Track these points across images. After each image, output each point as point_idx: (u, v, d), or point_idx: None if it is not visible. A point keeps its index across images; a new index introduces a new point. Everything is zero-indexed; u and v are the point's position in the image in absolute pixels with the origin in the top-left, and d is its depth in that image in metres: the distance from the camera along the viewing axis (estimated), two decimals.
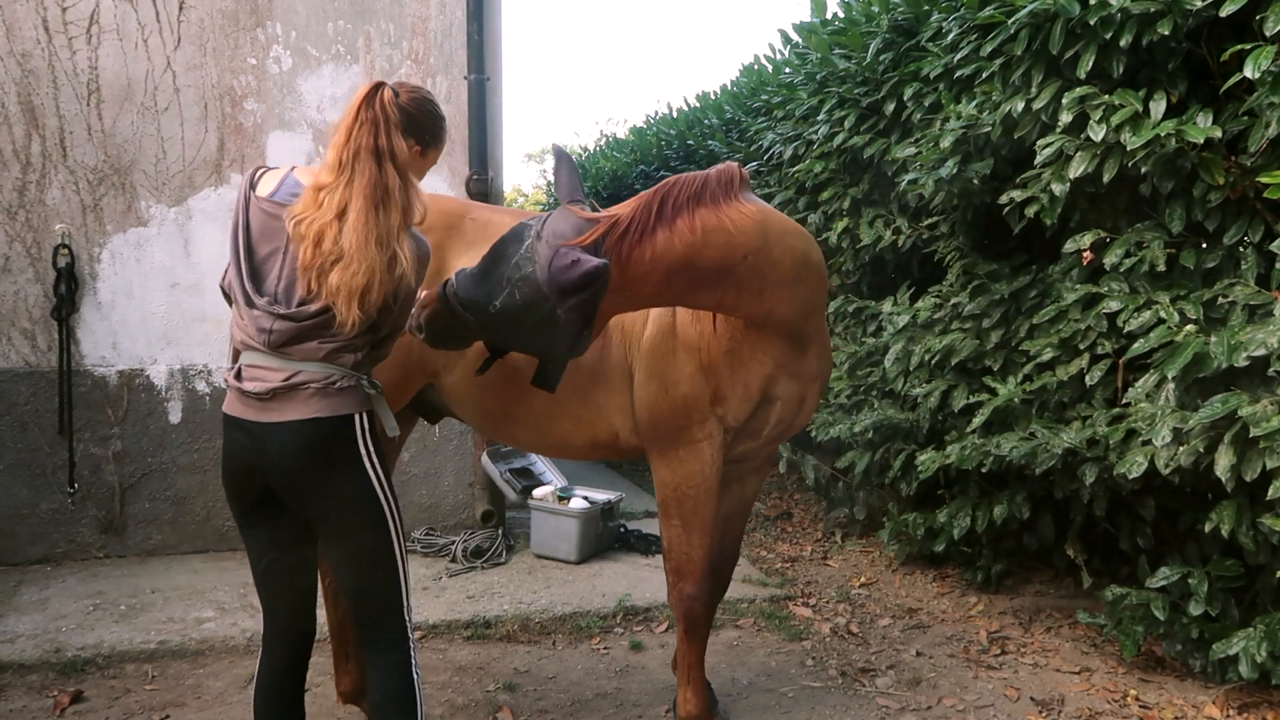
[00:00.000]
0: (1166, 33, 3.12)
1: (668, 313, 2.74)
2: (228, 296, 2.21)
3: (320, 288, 2.00)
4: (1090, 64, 3.36)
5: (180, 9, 4.78)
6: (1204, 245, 3.34)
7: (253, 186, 2.14)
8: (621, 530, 5.17)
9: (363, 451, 2.13)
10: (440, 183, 5.15)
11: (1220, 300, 3.11)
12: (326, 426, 2.09)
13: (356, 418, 2.12)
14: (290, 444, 2.08)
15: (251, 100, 4.91)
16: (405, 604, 2.25)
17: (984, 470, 3.89)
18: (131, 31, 4.72)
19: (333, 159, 2.04)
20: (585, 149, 12.77)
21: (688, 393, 2.70)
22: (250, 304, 2.08)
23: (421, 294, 2.34)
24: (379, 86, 2.09)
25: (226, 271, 2.17)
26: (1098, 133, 3.26)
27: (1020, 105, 3.64)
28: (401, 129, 2.09)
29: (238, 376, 2.13)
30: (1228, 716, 3.21)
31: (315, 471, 2.10)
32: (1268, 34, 2.87)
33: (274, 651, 2.32)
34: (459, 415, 3.02)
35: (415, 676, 2.24)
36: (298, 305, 2.05)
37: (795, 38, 6.25)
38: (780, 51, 6.80)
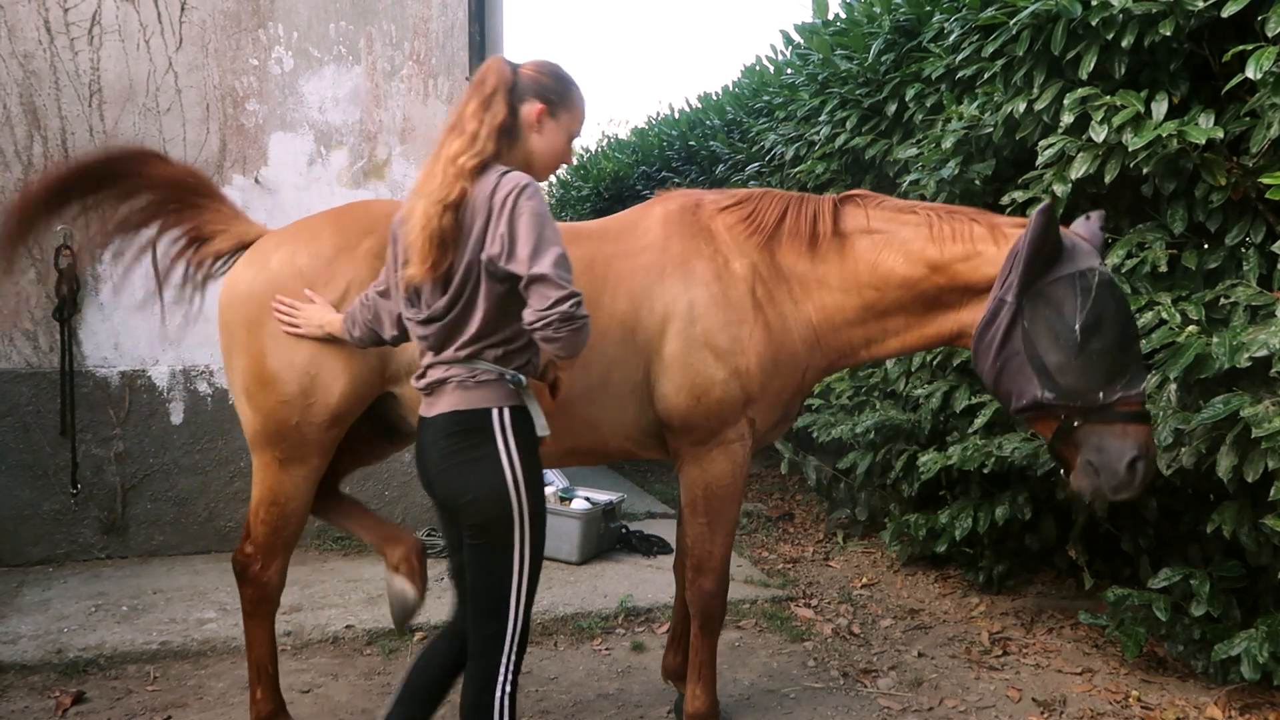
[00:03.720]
0: (1168, 33, 3.12)
1: (693, 325, 2.70)
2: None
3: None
4: (1092, 65, 3.36)
5: (182, 10, 4.78)
6: (1206, 246, 3.34)
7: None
8: (623, 531, 5.17)
9: (500, 447, 2.09)
10: None
11: (1222, 301, 3.11)
12: (464, 419, 2.08)
13: (495, 412, 2.09)
14: (433, 436, 2.12)
15: (253, 101, 4.91)
16: (513, 611, 2.15)
17: (986, 471, 3.89)
18: (133, 32, 4.73)
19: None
20: (586, 149, 12.77)
21: (721, 398, 2.69)
22: (406, 318, 2.19)
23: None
24: (480, 75, 2.16)
25: (387, 295, 2.32)
26: (1099, 133, 3.26)
27: (1022, 106, 3.64)
28: (514, 93, 2.15)
29: (417, 376, 2.20)
30: (1230, 717, 3.21)
31: (451, 463, 2.10)
32: (1269, 35, 2.87)
33: (453, 621, 2.35)
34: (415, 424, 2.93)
35: (498, 695, 2.17)
36: (434, 304, 2.09)
37: (797, 38, 6.25)
38: (782, 52, 6.81)
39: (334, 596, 4.25)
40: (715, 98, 8.08)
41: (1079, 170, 3.37)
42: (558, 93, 2.22)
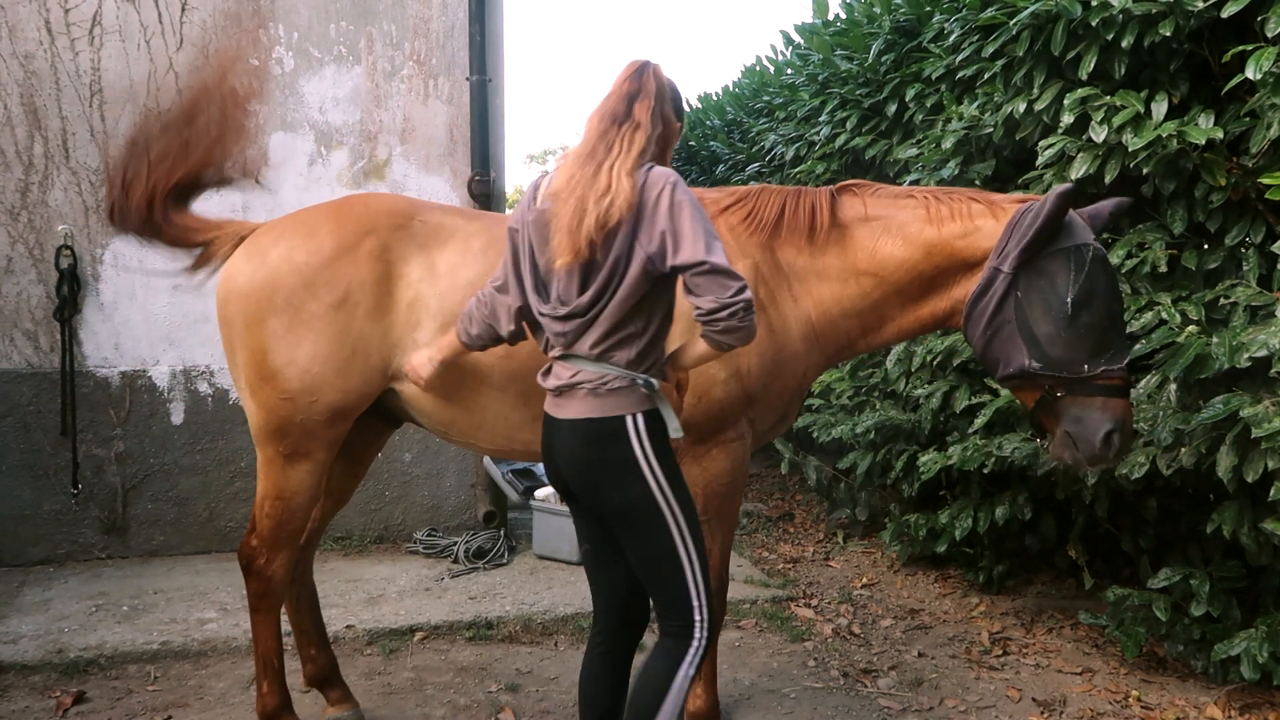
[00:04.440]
0: (1168, 34, 3.12)
1: (696, 325, 2.70)
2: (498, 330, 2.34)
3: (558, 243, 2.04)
4: (1092, 65, 3.36)
5: (183, 10, 4.79)
6: (1206, 246, 3.34)
7: (534, 198, 2.18)
8: None
9: (638, 454, 2.07)
10: (442, 183, 5.16)
11: (1222, 301, 3.11)
12: (597, 427, 2.07)
13: (629, 419, 2.08)
14: (568, 442, 2.12)
15: (254, 101, 4.91)
16: (695, 601, 2.15)
17: (986, 471, 3.89)
18: (134, 33, 4.73)
19: (588, 121, 2.14)
20: None
21: (722, 398, 2.69)
22: (540, 312, 2.16)
23: None
24: (642, 67, 2.16)
25: (505, 290, 2.27)
26: (1099, 134, 3.26)
27: (1022, 106, 3.64)
28: (674, 104, 2.21)
29: (544, 373, 2.19)
30: (1229, 717, 3.21)
31: (590, 471, 2.10)
32: (1269, 35, 2.87)
33: (597, 623, 2.35)
34: (417, 421, 2.94)
35: (683, 670, 2.15)
36: (575, 299, 2.07)
37: (797, 39, 6.26)
38: (782, 52, 6.81)
39: (334, 596, 4.25)
40: (715, 98, 8.08)
41: (1079, 170, 3.38)
42: (680, 117, 2.30)
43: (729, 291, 1.94)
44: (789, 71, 6.39)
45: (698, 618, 2.16)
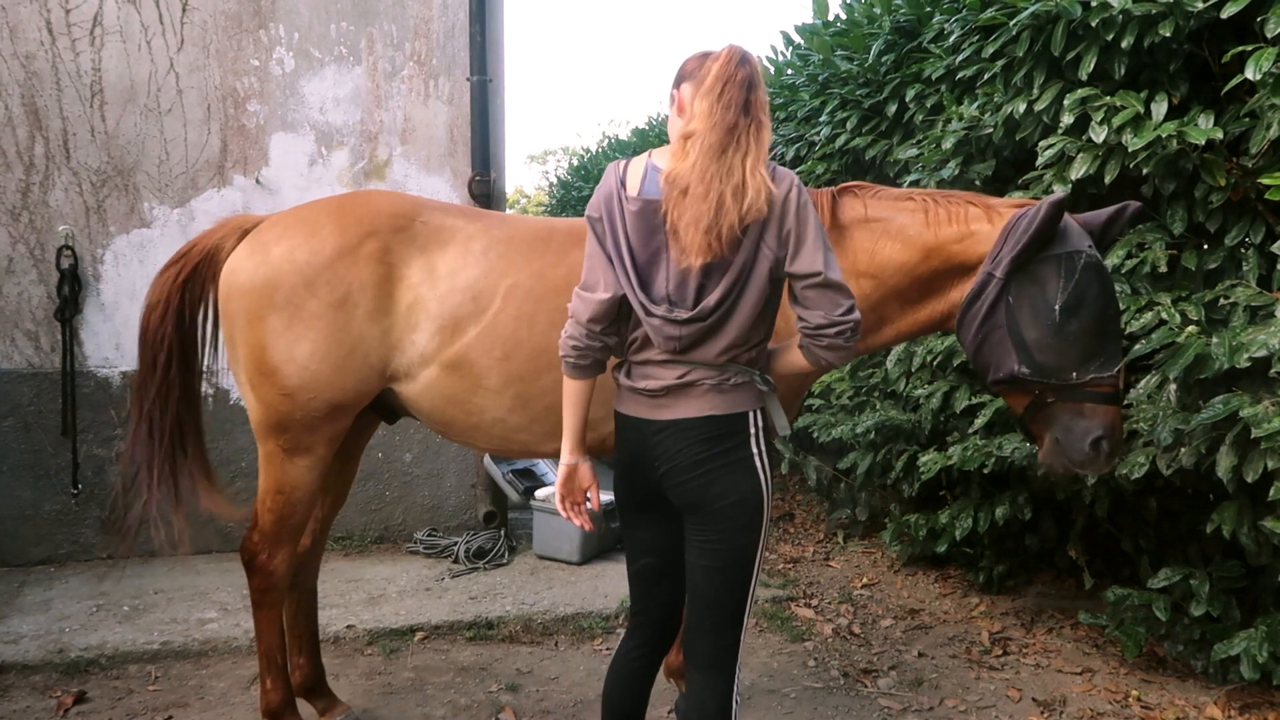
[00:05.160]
0: (1168, 34, 3.12)
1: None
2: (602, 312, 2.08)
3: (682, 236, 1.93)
4: (1092, 65, 3.36)
5: (183, 10, 4.79)
6: (1205, 246, 3.34)
7: (622, 184, 2.05)
8: None
9: (754, 450, 2.06)
10: (442, 184, 5.16)
11: (1222, 301, 3.11)
12: (721, 423, 2.03)
13: (750, 415, 2.06)
14: (679, 442, 2.05)
15: (254, 102, 4.92)
16: (747, 615, 2.14)
17: (986, 471, 3.89)
18: (135, 33, 4.74)
19: (700, 108, 1.95)
20: (588, 150, 12.78)
21: None
22: (648, 313, 2.01)
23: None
24: (745, 53, 1.99)
25: (594, 285, 2.08)
26: (1099, 134, 3.26)
27: (1022, 107, 3.64)
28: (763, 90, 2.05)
29: (628, 374, 2.12)
30: (1229, 717, 3.21)
31: (707, 468, 2.05)
32: (1269, 36, 2.87)
33: (636, 635, 2.34)
34: (417, 418, 2.95)
35: (734, 705, 2.17)
36: (695, 304, 1.97)
37: (797, 39, 6.25)
38: (782, 53, 6.80)
39: (334, 596, 4.26)
40: None
41: (1079, 171, 3.38)
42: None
43: (839, 309, 1.93)
44: (789, 72, 6.39)
45: (743, 633, 2.15)
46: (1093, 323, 2.40)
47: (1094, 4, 3.28)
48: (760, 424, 2.08)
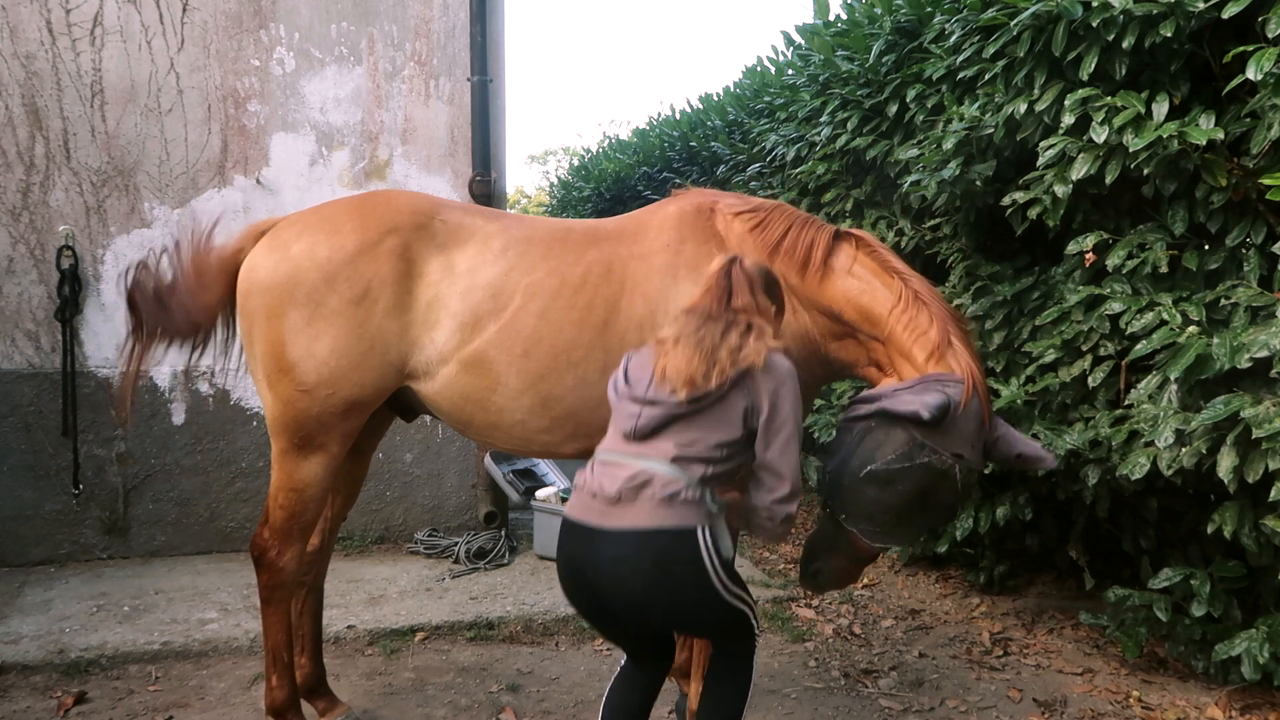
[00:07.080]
0: (1169, 35, 3.12)
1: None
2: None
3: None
4: (1093, 66, 3.36)
5: (184, 11, 4.79)
6: (1206, 247, 3.34)
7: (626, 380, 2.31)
8: None
9: (708, 566, 2.09)
10: (443, 184, 5.16)
11: (1223, 302, 3.11)
12: (668, 539, 2.06)
13: (699, 531, 2.08)
14: (626, 555, 2.08)
15: (255, 102, 4.92)
16: (756, 633, 2.30)
17: (986, 472, 3.89)
18: (135, 33, 4.74)
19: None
20: (588, 150, 12.78)
21: None
22: (619, 397, 2.26)
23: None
24: (733, 260, 2.36)
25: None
26: (1100, 134, 3.26)
27: (1023, 107, 3.64)
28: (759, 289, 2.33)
29: (587, 476, 2.21)
30: (1230, 717, 3.21)
31: (658, 587, 2.08)
32: (1270, 36, 2.87)
33: (639, 666, 2.41)
34: (437, 417, 2.97)
35: (752, 670, 2.32)
36: (668, 393, 2.16)
37: (798, 39, 6.25)
38: (783, 53, 6.80)
39: (335, 597, 4.26)
40: (716, 98, 8.07)
41: (1080, 171, 3.38)
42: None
43: (775, 496, 2.15)
44: (790, 72, 6.39)
45: (754, 668, 2.32)
46: (882, 503, 2.49)
47: (1095, 4, 3.27)
48: (712, 541, 2.11)
